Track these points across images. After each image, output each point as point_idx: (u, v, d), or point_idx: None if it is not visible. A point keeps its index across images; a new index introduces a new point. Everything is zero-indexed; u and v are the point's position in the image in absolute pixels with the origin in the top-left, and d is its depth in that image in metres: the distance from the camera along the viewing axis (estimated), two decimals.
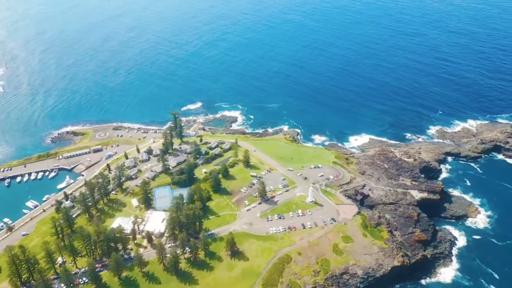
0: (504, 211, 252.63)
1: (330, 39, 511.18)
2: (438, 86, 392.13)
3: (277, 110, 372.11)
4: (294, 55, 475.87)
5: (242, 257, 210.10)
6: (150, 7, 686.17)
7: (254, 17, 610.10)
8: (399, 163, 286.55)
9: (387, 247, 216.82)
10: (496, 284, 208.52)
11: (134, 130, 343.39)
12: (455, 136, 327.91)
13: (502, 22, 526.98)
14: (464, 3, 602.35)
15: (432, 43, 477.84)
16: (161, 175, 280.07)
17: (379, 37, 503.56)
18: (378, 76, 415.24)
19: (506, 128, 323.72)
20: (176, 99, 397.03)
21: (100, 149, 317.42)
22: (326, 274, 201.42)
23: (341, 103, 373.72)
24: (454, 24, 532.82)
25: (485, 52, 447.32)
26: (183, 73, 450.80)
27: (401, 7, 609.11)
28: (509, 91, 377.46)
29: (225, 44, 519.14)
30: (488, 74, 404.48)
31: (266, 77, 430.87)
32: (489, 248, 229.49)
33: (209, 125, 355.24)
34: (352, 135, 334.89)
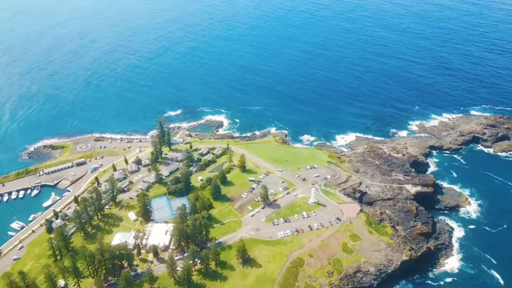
0: (491, 199, 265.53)
1: (301, 44, 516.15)
2: (410, 84, 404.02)
3: (262, 113, 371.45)
4: (261, 60, 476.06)
5: (254, 264, 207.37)
6: (103, 13, 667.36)
7: (219, 21, 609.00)
8: (389, 159, 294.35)
9: (394, 242, 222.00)
10: (496, 269, 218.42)
11: (117, 140, 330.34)
12: (435, 130, 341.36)
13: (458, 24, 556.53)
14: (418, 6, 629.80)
15: (395, 45, 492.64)
16: (154, 185, 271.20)
17: (345, 41, 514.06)
18: (351, 78, 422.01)
19: (481, 120, 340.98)
20: (154, 107, 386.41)
21: (83, 162, 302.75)
22: (340, 274, 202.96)
23: (321, 104, 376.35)
24: (412, 25, 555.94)
25: (446, 52, 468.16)
26: (155, 81, 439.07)
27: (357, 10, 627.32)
28: (475, 86, 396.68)
29: (192, 49, 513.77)
30: (451, 72, 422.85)
31: (243, 81, 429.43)
32: (484, 235, 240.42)
33: (195, 131, 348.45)
34: (338, 134, 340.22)
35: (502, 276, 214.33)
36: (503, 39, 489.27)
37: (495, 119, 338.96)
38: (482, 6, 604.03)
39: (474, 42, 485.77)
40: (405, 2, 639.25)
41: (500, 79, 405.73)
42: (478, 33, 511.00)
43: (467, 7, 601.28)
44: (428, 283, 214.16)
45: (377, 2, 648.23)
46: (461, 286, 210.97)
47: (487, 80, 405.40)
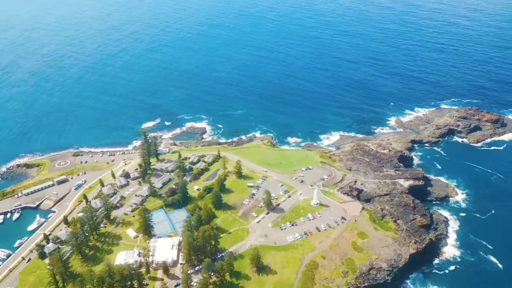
0: (475, 187, 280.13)
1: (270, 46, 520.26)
2: (380, 81, 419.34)
3: (244, 117, 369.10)
4: (233, 63, 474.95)
5: (269, 271, 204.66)
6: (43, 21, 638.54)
7: (180, 25, 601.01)
8: (377, 155, 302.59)
9: (399, 236, 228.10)
10: (492, 254, 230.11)
11: (98, 154, 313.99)
12: (412, 125, 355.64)
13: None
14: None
15: (359, 44, 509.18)
16: (148, 199, 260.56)
17: (310, 41, 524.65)
18: (321, 78, 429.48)
19: (453, 113, 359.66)
20: (129, 118, 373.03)
21: (65, 180, 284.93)
22: (355, 273, 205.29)
23: (300, 107, 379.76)
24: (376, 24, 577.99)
25: (410, 50, 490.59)
26: (123, 91, 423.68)
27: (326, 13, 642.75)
28: (442, 82, 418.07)
29: (157, 55, 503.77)
30: (416, 69, 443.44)
31: (215, 85, 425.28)
32: (476, 222, 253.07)
33: (179, 139, 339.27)
34: (322, 134, 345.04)
35: (500, 260, 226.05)
36: (454, 38, 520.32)
37: (466, 111, 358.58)
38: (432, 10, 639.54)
39: (434, 43, 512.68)
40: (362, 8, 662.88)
41: (465, 74, 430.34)
42: (430, 33, 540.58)
43: (419, 13, 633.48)
44: (435, 272, 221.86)
45: (340, 9, 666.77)
46: (464, 273, 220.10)
47: (452, 75, 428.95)
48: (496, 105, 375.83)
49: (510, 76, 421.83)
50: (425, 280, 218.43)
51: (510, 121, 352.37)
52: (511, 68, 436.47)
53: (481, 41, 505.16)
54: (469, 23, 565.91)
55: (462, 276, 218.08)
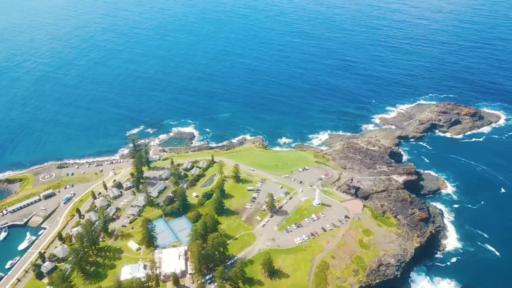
0: (463, 179, 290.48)
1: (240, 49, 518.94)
2: (358, 82, 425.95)
3: (230, 120, 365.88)
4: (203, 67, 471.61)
5: (281, 274, 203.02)
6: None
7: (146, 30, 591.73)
8: (368, 153, 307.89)
9: (402, 231, 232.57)
10: (489, 243, 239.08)
11: (84, 165, 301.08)
12: (396, 121, 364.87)
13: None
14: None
15: (331, 47, 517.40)
16: (145, 208, 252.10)
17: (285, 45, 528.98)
18: (300, 82, 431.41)
19: (433, 108, 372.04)
20: (111, 126, 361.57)
21: (52, 194, 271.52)
22: (365, 271, 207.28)
23: (284, 108, 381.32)
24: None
25: (380, 50, 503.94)
26: (97, 99, 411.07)
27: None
28: (417, 80, 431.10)
29: (127, 61, 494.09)
30: (391, 69, 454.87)
31: (196, 90, 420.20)
32: (469, 213, 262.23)
33: (168, 146, 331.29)
34: (311, 134, 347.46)
35: (496, 248, 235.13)
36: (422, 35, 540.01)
37: (445, 106, 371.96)
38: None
39: (411, 41, 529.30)
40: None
41: (439, 71, 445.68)
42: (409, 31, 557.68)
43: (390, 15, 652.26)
44: (438, 265, 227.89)
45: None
46: (466, 263, 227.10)
47: (426, 73, 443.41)
48: (471, 99, 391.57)
49: (480, 72, 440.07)
50: (429, 272, 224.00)
51: (486, 114, 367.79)
52: (479, 64, 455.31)
53: (448, 40, 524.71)
54: (431, 23, 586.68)
55: (464, 266, 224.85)
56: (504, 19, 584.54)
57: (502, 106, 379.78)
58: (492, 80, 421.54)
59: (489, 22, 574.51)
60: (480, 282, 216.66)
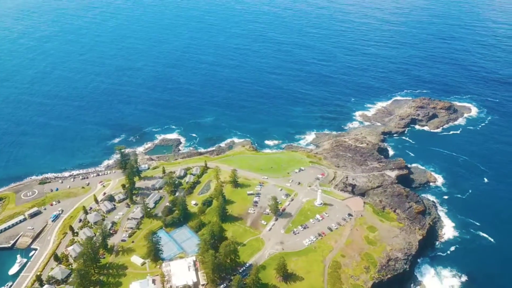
0: (449, 170, 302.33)
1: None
2: (335, 81, 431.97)
3: (215, 124, 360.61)
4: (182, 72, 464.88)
5: (296, 277, 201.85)
6: None
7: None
8: (358, 150, 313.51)
9: (403, 225, 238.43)
10: (482, 230, 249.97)
11: (69, 179, 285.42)
12: (377, 117, 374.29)
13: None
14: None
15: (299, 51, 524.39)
16: (143, 220, 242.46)
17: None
18: (277, 82, 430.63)
19: (410, 104, 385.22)
20: (92, 137, 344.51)
21: (38, 212, 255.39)
22: (376, 267, 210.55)
23: (266, 110, 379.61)
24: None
25: (352, 50, 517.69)
26: (69, 110, 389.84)
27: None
28: (391, 77, 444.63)
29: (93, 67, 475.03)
30: (366, 67, 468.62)
31: (174, 95, 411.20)
32: (459, 202, 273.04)
33: (154, 154, 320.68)
34: (298, 134, 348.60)
35: (489, 234, 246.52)
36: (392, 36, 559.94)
37: (421, 101, 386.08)
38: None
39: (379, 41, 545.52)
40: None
41: (409, 69, 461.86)
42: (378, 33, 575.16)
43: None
44: (439, 255, 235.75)
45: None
46: (465, 251, 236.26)
47: (399, 70, 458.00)
48: (443, 94, 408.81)
49: (446, 68, 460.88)
50: (432, 263, 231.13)
51: (458, 107, 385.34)
52: (444, 61, 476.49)
53: (411, 40, 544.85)
54: (390, 24, 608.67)
55: (463, 254, 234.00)
56: (455, 19, 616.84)
57: (472, 99, 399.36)
58: (457, 76, 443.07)
59: (444, 22, 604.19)
60: (480, 268, 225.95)
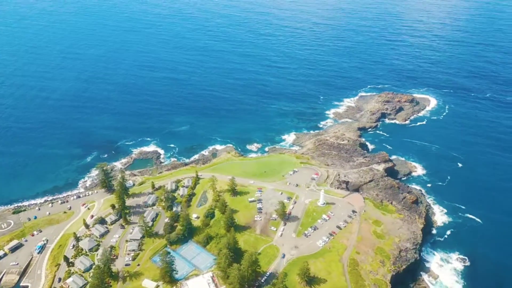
0: (426, 159, 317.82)
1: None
2: (296, 84, 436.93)
3: (191, 132, 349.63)
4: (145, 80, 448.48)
5: (318, 280, 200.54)
6: None
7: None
8: (341, 147, 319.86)
9: (403, 216, 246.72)
10: (468, 212, 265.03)
11: (46, 205, 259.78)
12: (349, 114, 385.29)
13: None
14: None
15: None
16: (144, 240, 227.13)
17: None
18: (245, 88, 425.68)
19: (377, 99, 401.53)
20: (59, 157, 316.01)
21: (19, 245, 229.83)
22: (390, 259, 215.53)
23: (239, 114, 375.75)
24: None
25: (305, 54, 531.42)
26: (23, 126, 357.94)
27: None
28: (352, 75, 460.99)
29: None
30: (324, 67, 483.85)
31: (138, 105, 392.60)
32: (442, 189, 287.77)
33: (135, 169, 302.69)
34: (278, 136, 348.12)
35: (476, 215, 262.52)
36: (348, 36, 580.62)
37: (386, 95, 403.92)
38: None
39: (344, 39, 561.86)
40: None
41: (375, 64, 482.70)
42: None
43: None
44: (439, 240, 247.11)
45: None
46: (460, 233, 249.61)
47: (359, 67, 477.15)
48: (402, 87, 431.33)
49: (402, 62, 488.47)
50: (434, 248, 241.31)
51: (419, 99, 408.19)
52: (399, 57, 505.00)
53: (365, 39, 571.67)
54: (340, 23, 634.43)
55: (460, 237, 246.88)
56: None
57: (429, 90, 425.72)
58: (413, 69, 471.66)
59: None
60: (477, 247, 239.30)
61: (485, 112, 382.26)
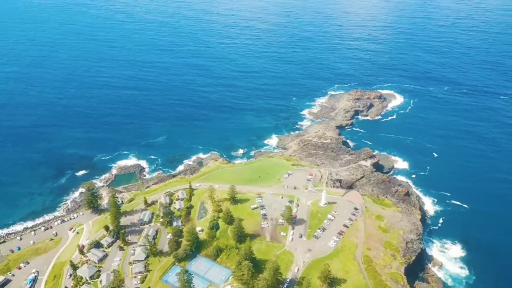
0: (405, 152, 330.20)
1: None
2: (268, 88, 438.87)
3: (170, 142, 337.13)
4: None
5: (339, 281, 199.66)
6: None
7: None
8: (326, 146, 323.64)
9: (401, 209, 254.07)
10: (454, 199, 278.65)
11: (28, 234, 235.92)
12: (324, 113, 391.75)
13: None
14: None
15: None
16: (150, 260, 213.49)
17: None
18: (212, 95, 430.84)
19: (347, 97, 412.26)
20: (31, 179, 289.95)
21: (6, 281, 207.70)
22: (400, 252, 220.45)
23: (216, 121, 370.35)
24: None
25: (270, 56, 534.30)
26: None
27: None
28: (319, 74, 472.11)
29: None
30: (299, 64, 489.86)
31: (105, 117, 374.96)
32: (426, 179, 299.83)
33: (119, 185, 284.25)
34: (260, 140, 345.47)
35: (461, 201, 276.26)
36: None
37: (355, 93, 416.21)
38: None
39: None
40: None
41: (339, 63, 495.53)
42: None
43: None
44: (434, 228, 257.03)
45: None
46: (451, 220, 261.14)
47: (323, 67, 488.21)
48: (368, 84, 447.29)
49: (361, 61, 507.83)
50: (432, 237, 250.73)
51: (386, 95, 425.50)
52: (358, 56, 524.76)
53: (325, 41, 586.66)
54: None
55: (452, 224, 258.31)
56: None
57: (392, 86, 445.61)
58: (373, 68, 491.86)
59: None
60: (469, 232, 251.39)
61: (445, 104, 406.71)
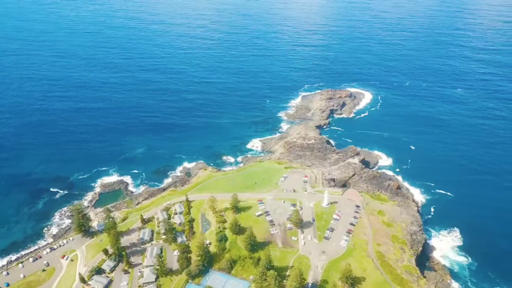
0: (386, 147, 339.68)
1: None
2: (241, 92, 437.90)
3: (151, 153, 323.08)
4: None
5: (358, 279, 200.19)
6: None
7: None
8: (311, 147, 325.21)
9: (397, 202, 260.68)
10: (438, 188, 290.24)
11: (15, 267, 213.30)
12: (300, 114, 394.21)
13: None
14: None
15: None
16: (161, 281, 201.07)
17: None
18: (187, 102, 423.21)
19: (320, 97, 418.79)
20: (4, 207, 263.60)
21: None
22: (407, 245, 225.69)
23: (193, 128, 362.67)
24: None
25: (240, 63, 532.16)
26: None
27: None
28: (288, 76, 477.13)
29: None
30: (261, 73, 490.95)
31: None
32: (409, 171, 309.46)
33: (105, 204, 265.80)
34: (244, 145, 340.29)
35: (445, 190, 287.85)
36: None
37: (327, 93, 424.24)
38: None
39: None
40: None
41: (303, 66, 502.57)
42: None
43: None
44: (428, 218, 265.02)
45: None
46: (442, 209, 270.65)
47: (288, 71, 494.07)
48: (336, 83, 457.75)
49: (328, 62, 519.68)
50: (428, 226, 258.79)
51: (355, 93, 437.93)
52: (324, 57, 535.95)
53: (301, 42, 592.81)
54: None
55: (443, 212, 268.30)
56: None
57: (359, 84, 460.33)
58: (340, 66, 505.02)
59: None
60: (460, 218, 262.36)
61: (411, 98, 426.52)
